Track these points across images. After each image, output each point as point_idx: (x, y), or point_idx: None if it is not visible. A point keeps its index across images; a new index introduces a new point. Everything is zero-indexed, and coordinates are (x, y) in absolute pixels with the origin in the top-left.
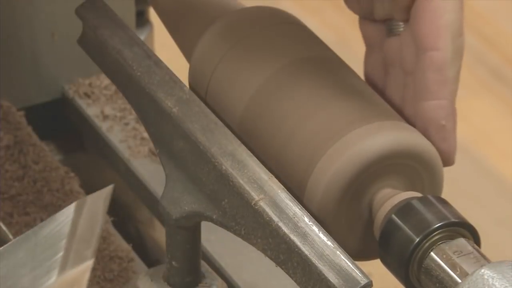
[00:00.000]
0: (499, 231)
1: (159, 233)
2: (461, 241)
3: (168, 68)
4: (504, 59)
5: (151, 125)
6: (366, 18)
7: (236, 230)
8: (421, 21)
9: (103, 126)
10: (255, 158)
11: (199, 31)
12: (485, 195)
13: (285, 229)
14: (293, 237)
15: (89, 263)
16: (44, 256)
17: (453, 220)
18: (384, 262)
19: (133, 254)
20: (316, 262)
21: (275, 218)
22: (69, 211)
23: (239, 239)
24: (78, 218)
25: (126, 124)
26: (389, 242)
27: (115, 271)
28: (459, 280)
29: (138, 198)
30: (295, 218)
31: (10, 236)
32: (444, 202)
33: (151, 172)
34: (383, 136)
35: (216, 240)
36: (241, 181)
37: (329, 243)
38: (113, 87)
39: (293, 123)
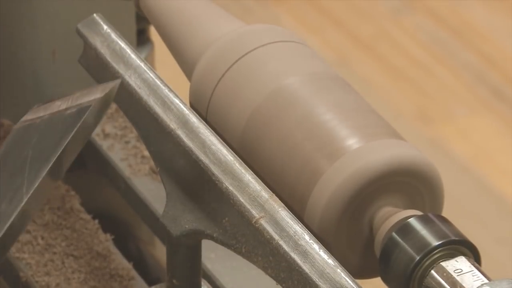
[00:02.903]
0: (500, 249)
1: (159, 251)
2: (462, 259)
3: (168, 86)
4: (504, 78)
5: (151, 143)
6: None
7: (237, 248)
8: None
9: (104, 145)
10: (256, 176)
11: (200, 50)
12: (486, 213)
13: (285, 247)
14: (294, 255)
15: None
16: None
17: (453, 238)
18: (385, 280)
19: (134, 273)
20: (317, 280)
21: (275, 236)
22: None
23: (239, 257)
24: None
25: (127, 142)
26: (389, 260)
27: None
28: None
29: (138, 216)
30: (296, 236)
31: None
32: (444, 220)
33: (152, 191)
34: (383, 154)
35: (216, 258)
36: (241, 199)
37: (329, 261)
38: (114, 106)
39: (293, 142)
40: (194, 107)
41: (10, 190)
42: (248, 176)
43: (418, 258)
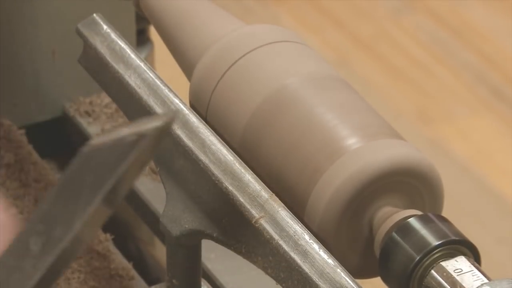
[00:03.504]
0: (500, 249)
1: (159, 251)
2: (462, 259)
3: (168, 86)
4: (504, 78)
5: None
6: None
7: (237, 248)
8: None
9: None
10: (256, 176)
11: (200, 50)
12: (486, 213)
13: (285, 247)
14: (294, 255)
15: None
16: None
17: (453, 238)
18: (385, 280)
19: (134, 272)
20: (317, 280)
21: (275, 236)
22: None
23: (239, 257)
24: None
25: None
26: (389, 260)
27: None
28: None
29: (138, 216)
30: (296, 236)
31: None
32: (444, 220)
33: (152, 190)
34: (383, 154)
35: (216, 258)
36: (241, 199)
37: (329, 261)
38: (114, 106)
39: (293, 142)
40: (194, 107)
41: (66, 214)
42: (248, 176)
43: (418, 258)
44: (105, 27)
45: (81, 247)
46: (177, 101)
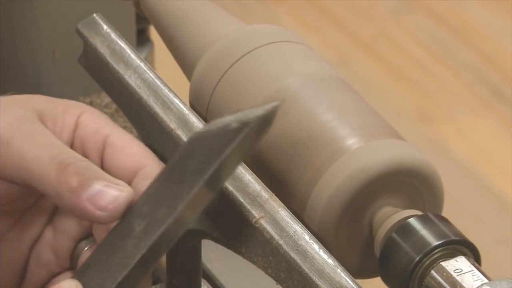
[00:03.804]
0: (500, 249)
1: None
2: (462, 259)
3: (168, 86)
4: (504, 78)
5: (152, 143)
6: None
7: (237, 248)
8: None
9: None
10: (256, 176)
11: (200, 50)
12: (486, 213)
13: (285, 247)
14: (294, 255)
15: None
16: None
17: (453, 238)
18: (385, 280)
19: None
20: (317, 280)
21: (275, 236)
22: None
23: (239, 257)
24: None
25: None
26: (389, 260)
27: None
28: None
29: None
30: (296, 236)
31: None
32: (444, 220)
33: None
34: (383, 154)
35: (216, 258)
36: (241, 199)
37: (329, 261)
38: (114, 106)
39: (293, 142)
40: (194, 107)
41: (170, 197)
42: (248, 176)
43: (418, 258)
44: (105, 27)
45: (182, 229)
46: (177, 101)
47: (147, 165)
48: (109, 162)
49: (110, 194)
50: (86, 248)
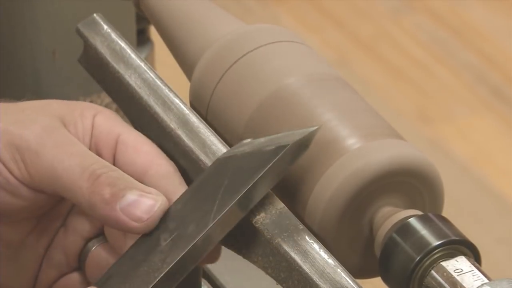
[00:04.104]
0: (500, 249)
1: None
2: (462, 259)
3: (168, 86)
4: (504, 78)
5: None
6: None
7: (237, 248)
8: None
9: None
10: None
11: (200, 50)
12: (486, 213)
13: (285, 247)
14: (294, 255)
15: None
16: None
17: (453, 238)
18: (385, 280)
19: None
20: (317, 280)
21: (275, 236)
22: None
23: (239, 257)
24: None
25: None
26: (389, 260)
27: None
28: None
29: None
30: (296, 236)
31: None
32: (444, 220)
33: None
34: (383, 154)
35: None
36: None
37: (330, 261)
38: (114, 106)
39: None
40: (194, 106)
41: (200, 214)
42: None
43: (418, 258)
44: (105, 27)
45: (209, 247)
46: (177, 101)
47: (158, 164)
48: (121, 160)
49: (145, 204)
50: (94, 248)
